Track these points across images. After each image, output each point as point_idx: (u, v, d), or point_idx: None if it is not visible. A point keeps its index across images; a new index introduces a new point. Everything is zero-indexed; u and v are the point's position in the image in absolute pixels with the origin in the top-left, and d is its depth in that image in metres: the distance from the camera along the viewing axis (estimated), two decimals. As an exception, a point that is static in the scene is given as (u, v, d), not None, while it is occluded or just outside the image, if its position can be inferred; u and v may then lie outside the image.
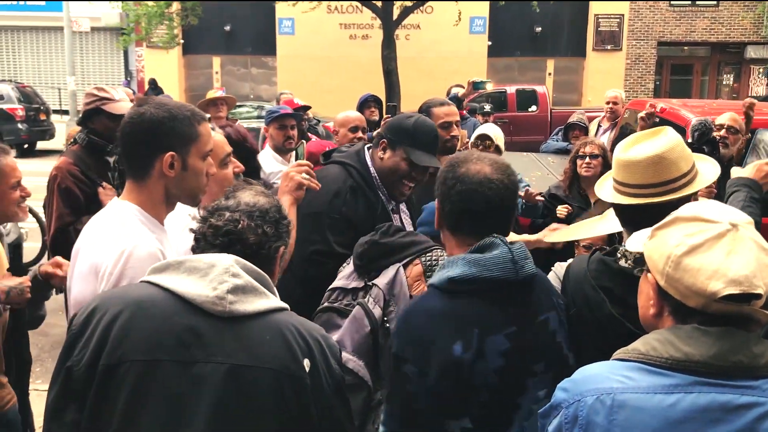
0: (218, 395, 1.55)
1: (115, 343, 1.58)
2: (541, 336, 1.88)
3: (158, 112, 2.02)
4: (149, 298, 1.63)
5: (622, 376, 1.31)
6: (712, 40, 23.71)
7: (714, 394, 1.25)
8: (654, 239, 1.41)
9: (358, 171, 3.04)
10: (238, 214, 1.71)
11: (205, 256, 1.66)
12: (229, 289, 1.59)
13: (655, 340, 1.34)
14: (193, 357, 1.57)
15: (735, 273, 1.26)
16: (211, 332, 1.59)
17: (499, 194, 1.90)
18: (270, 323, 1.64)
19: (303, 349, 1.64)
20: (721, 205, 1.39)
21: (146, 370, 1.56)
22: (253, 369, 1.58)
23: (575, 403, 1.32)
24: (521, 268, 1.86)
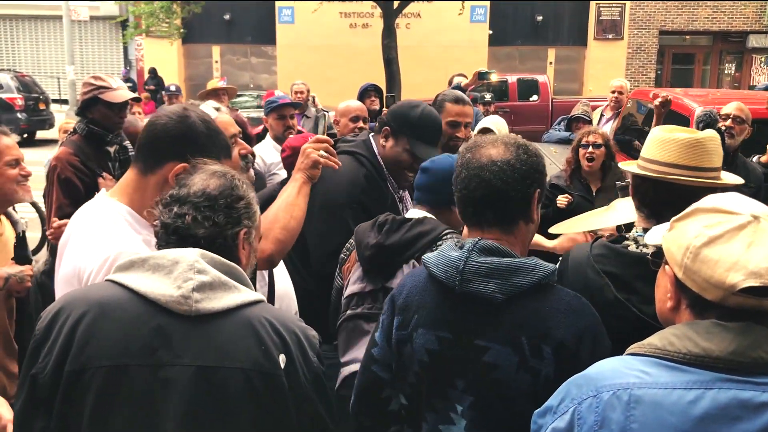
0: (188, 398, 1.50)
1: (79, 348, 1.52)
2: (469, 358, 1.71)
3: (200, 123, 2.01)
4: (113, 300, 1.56)
5: (639, 371, 1.28)
6: (713, 29, 23.60)
7: (735, 390, 1.21)
8: (673, 231, 1.37)
9: (369, 160, 3.01)
10: (186, 207, 1.62)
11: (169, 252, 1.58)
12: (195, 287, 1.52)
13: (673, 335, 1.30)
14: (160, 360, 1.51)
15: (755, 265, 1.22)
16: (178, 333, 1.52)
17: (503, 177, 1.73)
18: (241, 319, 1.57)
19: (277, 344, 1.57)
20: (743, 197, 1.35)
21: (112, 375, 1.50)
22: (223, 369, 1.52)
23: (590, 399, 1.28)
24: (466, 283, 1.69)
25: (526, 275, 1.67)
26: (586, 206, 4.30)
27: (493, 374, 1.69)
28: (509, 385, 1.67)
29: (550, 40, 24.00)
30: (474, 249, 1.72)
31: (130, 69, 23.82)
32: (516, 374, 1.67)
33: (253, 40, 24.13)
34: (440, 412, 1.77)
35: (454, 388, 1.74)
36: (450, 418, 1.76)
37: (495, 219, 1.76)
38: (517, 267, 1.68)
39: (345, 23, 23.10)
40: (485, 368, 1.69)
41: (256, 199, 1.74)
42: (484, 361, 1.69)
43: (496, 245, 1.72)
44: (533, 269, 1.69)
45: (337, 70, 21.70)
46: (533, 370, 1.66)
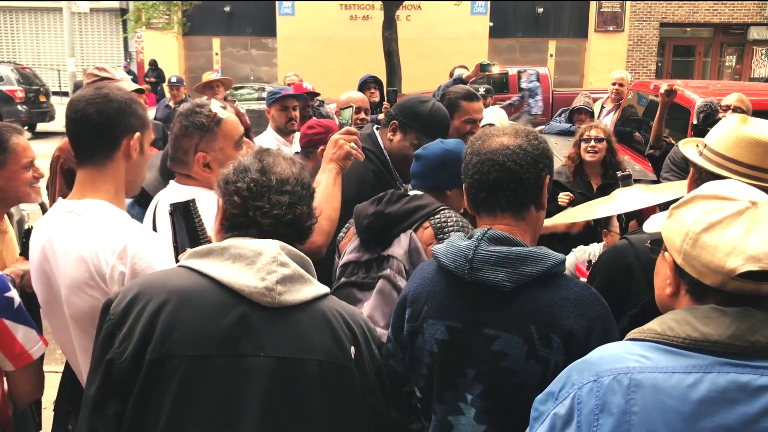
0: (268, 389, 1.52)
1: (162, 336, 1.52)
2: (478, 347, 1.72)
3: (120, 94, 2.01)
4: (195, 288, 1.56)
5: (639, 356, 1.29)
6: (714, 21, 23.55)
7: (734, 374, 1.22)
8: (672, 218, 1.39)
9: (376, 155, 3.02)
10: (289, 197, 1.64)
11: (250, 242, 1.59)
12: (278, 280, 1.55)
13: (672, 320, 1.32)
14: (242, 350, 1.53)
15: (754, 250, 1.24)
16: (260, 324, 1.55)
17: (516, 159, 1.73)
18: (317, 312, 1.61)
19: (348, 337, 1.63)
20: (741, 184, 1.37)
21: (196, 364, 1.51)
22: (302, 361, 1.56)
23: (590, 384, 1.30)
24: (475, 272, 1.69)
25: (535, 264, 1.68)
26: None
27: (503, 363, 1.69)
28: (518, 373, 1.68)
29: (551, 32, 23.96)
30: (483, 238, 1.72)
31: (130, 61, 23.79)
32: (525, 363, 1.67)
33: (254, 32, 24.08)
34: (449, 403, 1.78)
35: (464, 378, 1.75)
36: (459, 408, 1.77)
37: (508, 203, 1.76)
38: (526, 256, 1.68)
39: (345, 15, 23.05)
40: (495, 357, 1.70)
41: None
42: (493, 349, 1.70)
43: (505, 234, 1.73)
44: (542, 258, 1.69)
45: (337, 62, 21.68)
46: (543, 359, 1.66)
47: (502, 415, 1.72)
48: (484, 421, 1.74)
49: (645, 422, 1.23)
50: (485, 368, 1.72)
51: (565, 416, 1.31)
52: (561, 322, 1.66)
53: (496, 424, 1.73)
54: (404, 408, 1.95)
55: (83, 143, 2.01)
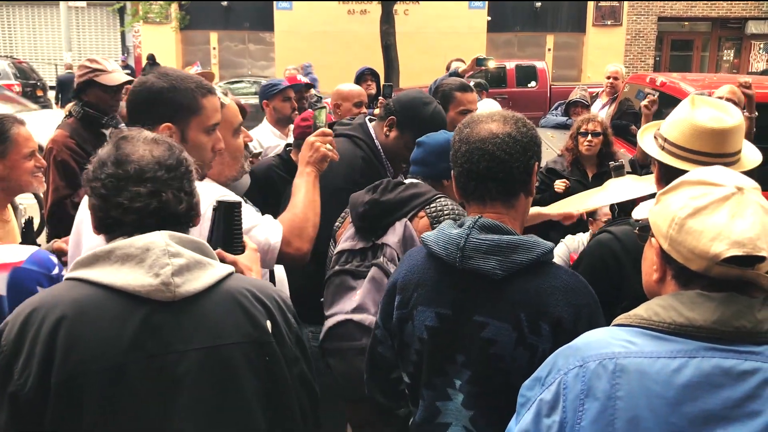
0: (191, 384, 1.46)
1: (64, 355, 1.41)
2: (467, 333, 1.74)
3: (159, 82, 2.00)
4: (89, 299, 1.46)
5: (625, 341, 1.30)
6: (712, 15, 23.53)
7: (718, 359, 1.23)
8: (659, 204, 1.39)
9: (366, 143, 3.01)
10: (150, 184, 1.51)
11: (135, 239, 1.49)
12: (174, 272, 1.46)
13: (658, 305, 1.32)
14: (153, 351, 1.45)
15: (739, 235, 1.24)
16: (166, 321, 1.47)
17: (506, 148, 1.74)
18: (223, 294, 1.54)
19: (262, 312, 1.57)
20: (728, 170, 1.37)
21: (108, 377, 1.42)
22: (219, 348, 1.50)
23: (576, 369, 1.30)
24: (466, 259, 1.70)
25: (526, 252, 1.69)
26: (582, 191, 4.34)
27: (492, 349, 1.71)
28: (507, 360, 1.70)
29: (549, 27, 23.92)
30: (475, 226, 1.73)
31: (128, 56, 23.74)
32: (514, 350, 1.69)
33: (251, 27, 24.03)
34: (438, 389, 1.79)
35: (453, 364, 1.77)
36: (447, 393, 1.78)
37: (498, 192, 1.77)
38: (517, 244, 1.70)
39: (343, 9, 23.00)
40: (484, 344, 1.71)
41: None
42: (482, 336, 1.72)
43: (496, 223, 1.74)
44: (532, 247, 1.70)
45: (335, 57, 21.62)
46: (531, 347, 1.68)
47: (490, 400, 1.73)
48: (472, 406, 1.75)
49: (629, 407, 1.23)
50: (474, 355, 1.73)
51: (550, 401, 1.32)
52: (550, 310, 1.67)
53: (484, 410, 1.74)
54: (392, 394, 1.96)
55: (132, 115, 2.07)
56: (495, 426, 1.70)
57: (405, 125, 2.94)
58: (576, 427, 1.27)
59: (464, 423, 1.77)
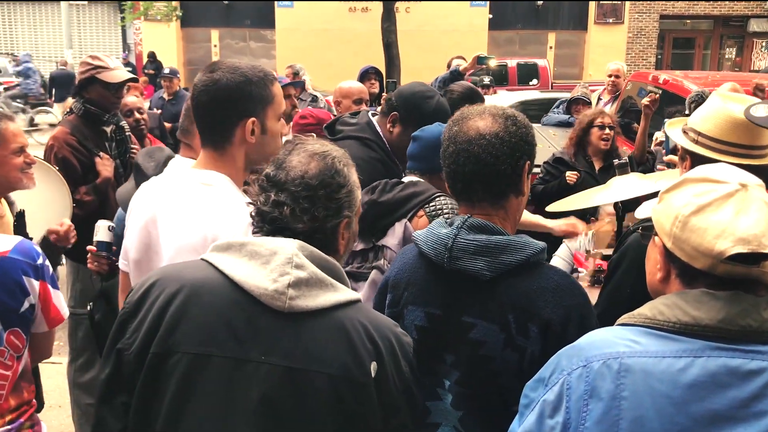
0: (268, 397, 1.42)
1: (167, 330, 1.46)
2: (456, 334, 1.72)
3: (233, 77, 1.95)
4: (207, 282, 1.48)
5: (630, 341, 1.28)
6: (714, 13, 23.47)
7: (724, 358, 1.22)
8: (662, 202, 1.38)
9: (377, 144, 2.97)
10: (284, 195, 1.51)
11: (268, 240, 1.50)
12: (291, 283, 1.43)
13: (663, 304, 1.30)
14: (246, 354, 1.43)
15: (743, 232, 1.23)
16: (268, 328, 1.44)
17: (492, 150, 1.68)
18: (334, 321, 1.47)
19: (370, 351, 1.47)
20: (732, 167, 1.36)
21: (196, 363, 1.44)
22: (310, 373, 1.43)
23: (579, 369, 1.28)
24: (454, 260, 1.68)
25: (515, 253, 1.67)
26: (592, 183, 4.36)
27: (480, 351, 1.69)
28: (496, 361, 1.68)
29: (551, 25, 23.87)
30: (463, 226, 1.71)
31: (128, 53, 23.71)
32: (502, 351, 1.67)
33: (252, 24, 24.00)
34: (427, 389, 1.77)
35: (442, 364, 1.75)
36: (437, 393, 1.77)
37: (485, 194, 1.74)
38: (506, 245, 1.67)
39: (344, 7, 22.94)
40: (472, 345, 1.70)
41: (357, 183, 1.63)
42: (470, 337, 1.70)
43: (485, 223, 1.71)
44: (522, 247, 1.68)
45: (336, 54, 21.60)
46: (519, 348, 1.66)
47: (479, 401, 1.72)
48: (461, 406, 1.74)
49: (635, 407, 1.22)
50: (463, 355, 1.71)
51: (554, 402, 1.31)
52: (539, 312, 1.65)
53: (473, 410, 1.73)
54: None
55: (202, 130, 2.02)
56: (484, 426, 1.69)
57: (408, 120, 2.90)
58: (580, 427, 1.25)
59: (454, 423, 1.75)
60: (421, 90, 3.00)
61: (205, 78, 1.96)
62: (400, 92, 3.03)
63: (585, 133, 4.81)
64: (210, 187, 1.96)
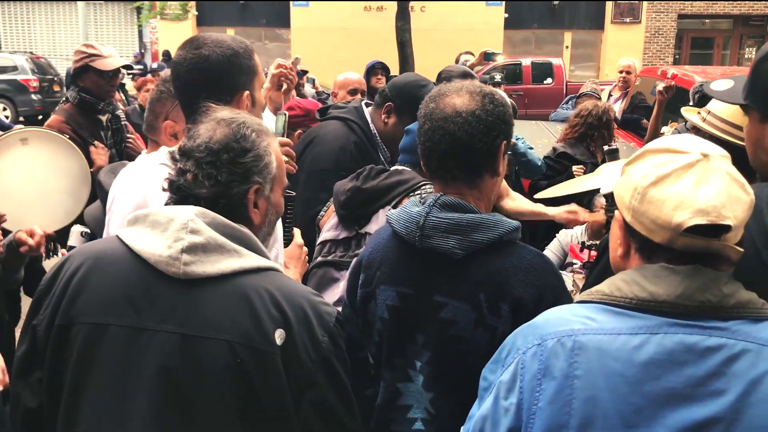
0: (165, 367, 1.39)
1: (69, 301, 1.47)
2: (426, 314, 1.68)
3: (223, 50, 1.89)
4: (109, 253, 1.48)
5: (585, 318, 1.22)
6: (734, 12, 23.20)
7: (681, 335, 1.15)
8: (623, 175, 1.32)
9: (360, 127, 2.95)
10: (190, 162, 1.48)
11: (168, 208, 1.48)
12: (185, 248, 1.40)
13: (621, 280, 1.25)
14: (142, 323, 1.41)
15: (702, 203, 1.16)
16: (165, 296, 1.42)
17: (468, 128, 1.64)
18: (235, 287, 1.42)
19: (275, 318, 1.41)
20: (695, 137, 1.30)
21: (94, 333, 1.43)
22: (206, 340, 1.39)
23: (534, 348, 1.23)
24: (425, 238, 1.65)
25: (487, 231, 1.63)
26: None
27: (450, 330, 1.66)
28: (466, 341, 1.64)
29: (567, 24, 23.72)
30: (435, 204, 1.68)
31: (144, 52, 23.85)
32: (473, 331, 1.64)
33: (268, 23, 24.08)
34: (399, 370, 1.75)
35: (413, 344, 1.72)
36: (408, 375, 1.73)
37: (459, 172, 1.71)
38: (478, 223, 1.64)
39: (359, 6, 22.97)
40: (442, 324, 1.67)
41: (271, 151, 1.56)
42: (441, 317, 1.67)
43: (457, 201, 1.68)
44: (495, 225, 1.65)
45: (351, 53, 21.56)
46: (490, 328, 1.62)
47: (450, 382, 1.68)
48: (432, 388, 1.70)
49: (587, 386, 1.16)
50: (433, 335, 1.67)
51: (508, 383, 1.25)
52: (510, 290, 1.61)
53: (444, 392, 1.69)
54: (358, 374, 1.92)
55: (191, 111, 1.91)
56: (455, 408, 1.64)
57: (403, 110, 2.86)
58: (533, 408, 1.19)
59: (425, 405, 1.72)
60: (414, 79, 3.00)
61: (191, 56, 1.90)
62: (393, 83, 3.03)
63: (590, 127, 4.74)
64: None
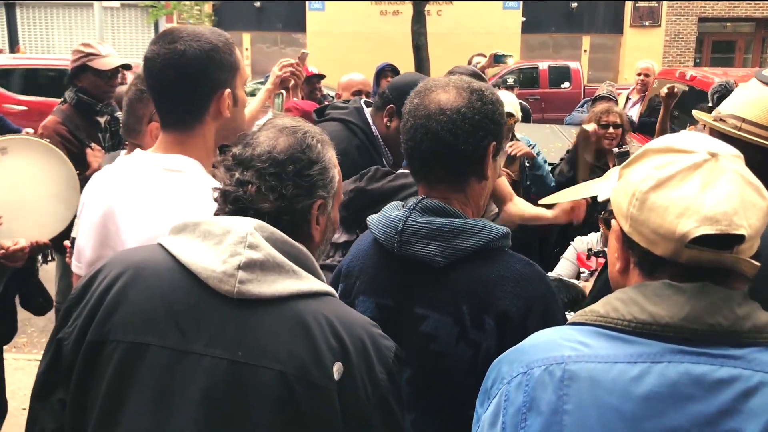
0: (211, 394, 1.24)
1: (105, 315, 1.30)
2: (407, 327, 1.54)
3: (201, 44, 1.72)
4: (153, 264, 1.33)
5: (577, 343, 1.06)
6: (756, 15, 22.83)
7: (687, 364, 0.99)
8: (621, 179, 1.16)
9: (362, 129, 2.84)
10: (250, 173, 1.34)
11: (224, 219, 1.33)
12: (242, 264, 1.25)
13: (617, 299, 1.08)
14: (187, 345, 1.26)
15: (710, 209, 1.00)
16: (215, 316, 1.27)
17: (452, 127, 1.51)
18: (293, 312, 1.27)
19: (334, 350, 1.26)
20: (701, 134, 1.14)
21: (132, 353, 1.27)
22: (257, 369, 1.24)
23: (519, 377, 1.07)
24: (404, 245, 1.51)
25: (471, 238, 1.49)
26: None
27: (432, 346, 1.52)
28: (448, 357, 1.51)
29: (585, 28, 23.47)
30: (416, 208, 1.55)
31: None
32: (456, 346, 1.50)
33: (284, 28, 24.10)
34: None
35: None
36: None
37: (443, 174, 1.57)
38: (461, 228, 1.50)
39: (375, 10, 22.92)
40: (423, 339, 1.53)
41: (334, 162, 1.45)
42: (422, 331, 1.53)
43: (440, 204, 1.54)
44: (480, 231, 1.51)
45: (367, 57, 21.42)
46: (473, 343, 1.48)
47: (432, 402, 1.54)
48: (413, 408, 1.54)
49: (578, 423, 1.00)
50: (414, 351, 1.53)
51: (491, 417, 1.09)
52: (495, 302, 1.47)
53: (426, 412, 1.55)
54: None
55: (165, 110, 1.80)
56: (438, 430, 1.51)
57: None
58: None
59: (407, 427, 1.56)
60: (416, 80, 2.86)
61: (165, 51, 1.73)
62: (394, 84, 2.91)
63: None
64: (178, 174, 1.75)
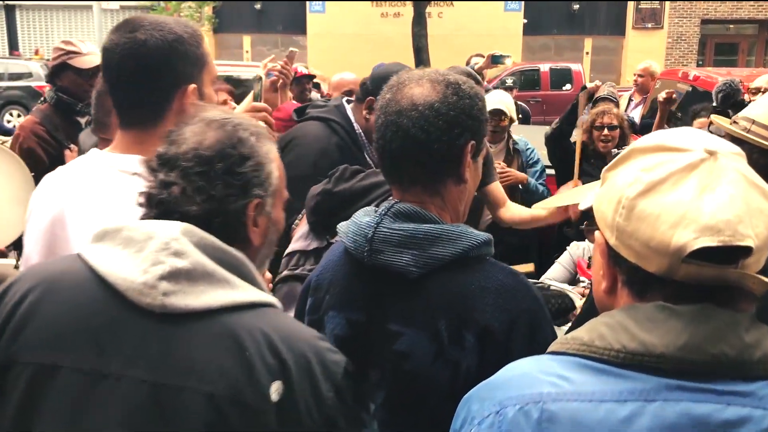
0: (131, 423, 1.11)
1: (12, 335, 1.17)
2: (380, 345, 1.41)
3: (163, 35, 1.58)
4: (68, 277, 1.19)
5: (557, 377, 0.91)
6: (759, 17, 22.70)
7: (687, 403, 0.84)
8: (605, 183, 1.01)
9: (343, 127, 2.71)
10: (175, 173, 1.20)
11: (147, 223, 1.19)
12: (165, 274, 1.12)
13: (604, 324, 0.93)
14: (104, 366, 1.13)
15: (711, 217, 0.85)
16: (135, 333, 1.13)
17: (424, 124, 1.36)
18: (224, 326, 1.14)
19: (271, 368, 1.12)
20: (696, 130, 0.98)
21: (41, 376, 1.14)
22: (183, 391, 1.10)
23: (490, 417, 0.93)
24: (375, 254, 1.37)
25: (448, 245, 1.34)
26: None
27: (406, 365, 1.37)
28: (423, 378, 1.36)
29: (587, 30, 23.36)
30: (387, 214, 1.39)
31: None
32: (432, 366, 1.35)
33: (284, 30, 24.04)
34: None
35: (366, 382, 1.43)
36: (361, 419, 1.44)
37: (417, 176, 1.41)
38: (437, 235, 1.35)
39: (376, 12, 22.87)
40: (397, 358, 1.38)
41: (272, 157, 1.31)
42: (395, 349, 1.38)
43: (414, 209, 1.39)
44: (458, 238, 1.35)
45: (367, 59, 21.31)
46: (452, 362, 1.33)
47: (408, 429, 1.39)
48: None
49: None
50: (388, 371, 1.39)
51: None
52: (476, 316, 1.32)
53: None
54: None
55: (124, 106, 1.66)
56: None
57: None
58: None
59: None
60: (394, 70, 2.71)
61: (124, 40, 1.58)
62: (374, 75, 2.75)
63: (590, 136, 4.49)
64: (134, 177, 1.58)
